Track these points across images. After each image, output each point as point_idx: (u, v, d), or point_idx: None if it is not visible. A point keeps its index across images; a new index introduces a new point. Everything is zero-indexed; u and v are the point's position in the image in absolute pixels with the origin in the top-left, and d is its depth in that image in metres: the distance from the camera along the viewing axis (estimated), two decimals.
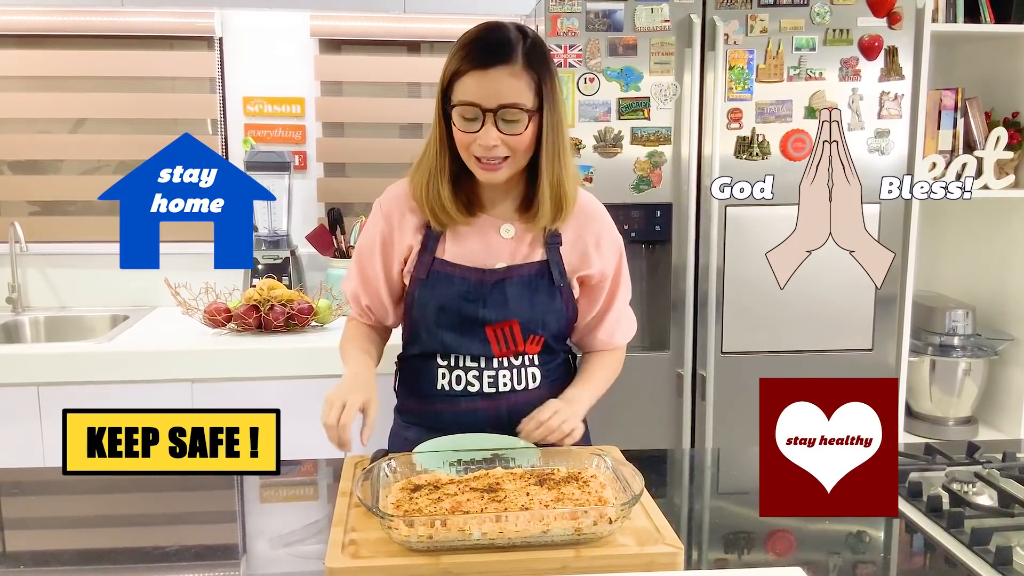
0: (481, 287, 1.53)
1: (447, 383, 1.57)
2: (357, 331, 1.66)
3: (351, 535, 1.18)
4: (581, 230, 1.58)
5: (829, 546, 1.25)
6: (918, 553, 1.25)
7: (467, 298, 1.53)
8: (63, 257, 2.83)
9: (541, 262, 1.55)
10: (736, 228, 2.38)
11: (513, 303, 1.53)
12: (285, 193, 2.71)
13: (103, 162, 2.88)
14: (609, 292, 1.64)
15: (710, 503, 1.46)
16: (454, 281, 1.53)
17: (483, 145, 1.43)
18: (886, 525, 1.33)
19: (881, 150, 2.41)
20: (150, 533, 1.35)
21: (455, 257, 1.54)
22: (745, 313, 2.41)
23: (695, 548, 1.26)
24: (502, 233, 1.55)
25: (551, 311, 1.56)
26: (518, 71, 1.42)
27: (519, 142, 1.44)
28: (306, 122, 2.84)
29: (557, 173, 1.49)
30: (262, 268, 2.65)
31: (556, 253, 1.56)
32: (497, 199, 1.56)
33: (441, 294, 1.53)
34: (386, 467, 1.30)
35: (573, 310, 1.61)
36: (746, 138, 2.36)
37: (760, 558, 1.21)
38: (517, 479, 1.29)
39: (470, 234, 1.54)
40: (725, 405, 2.41)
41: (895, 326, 2.46)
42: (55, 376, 2.25)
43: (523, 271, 1.55)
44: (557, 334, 1.60)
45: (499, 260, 1.54)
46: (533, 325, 1.55)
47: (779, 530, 1.31)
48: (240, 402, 2.25)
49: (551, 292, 1.56)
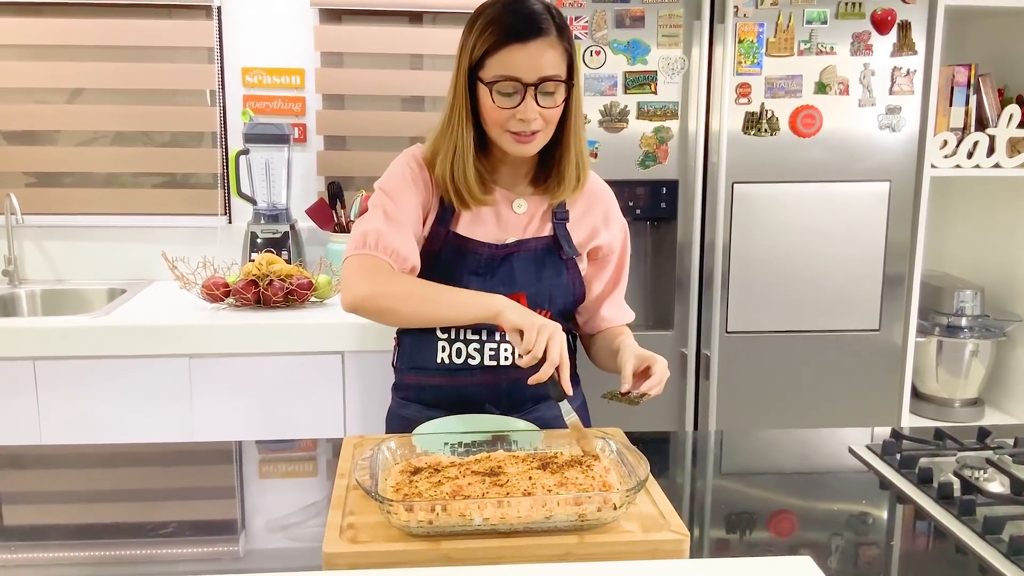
0: (490, 261, 1.52)
1: (447, 356, 1.54)
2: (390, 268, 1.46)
3: (349, 519, 1.15)
4: (589, 206, 1.59)
5: (835, 532, 1.22)
6: (927, 540, 1.22)
7: (475, 272, 1.51)
8: (60, 229, 2.80)
9: (549, 236, 1.55)
10: (743, 205, 2.34)
11: (520, 277, 1.52)
12: (284, 166, 2.67)
13: (100, 133, 2.83)
14: (615, 269, 1.64)
15: (713, 484, 1.44)
16: (465, 256, 1.52)
17: (523, 119, 1.42)
18: (894, 511, 1.30)
19: (892, 127, 2.36)
20: (147, 508, 1.33)
21: (469, 232, 1.53)
22: (751, 292, 2.38)
23: (696, 528, 1.23)
24: (515, 208, 1.55)
25: (558, 286, 1.55)
26: (554, 42, 1.41)
27: (555, 114, 1.45)
28: (306, 94, 2.79)
29: (580, 144, 1.52)
30: (261, 242, 2.62)
31: (563, 228, 1.56)
32: (512, 174, 1.55)
33: (450, 268, 1.50)
34: (385, 449, 1.27)
35: (580, 286, 1.60)
36: (755, 114, 2.31)
37: (763, 538, 1.19)
38: (519, 462, 1.26)
39: (484, 209, 1.53)
40: (730, 385, 2.39)
41: (903, 306, 2.43)
42: (51, 350, 2.22)
43: (531, 245, 1.54)
44: (563, 310, 1.58)
45: (510, 235, 1.54)
46: (540, 299, 1.54)
47: (782, 511, 1.29)
48: (238, 378, 2.28)
49: (558, 267, 1.55)
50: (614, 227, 1.62)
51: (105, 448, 1.62)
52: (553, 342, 1.31)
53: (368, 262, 1.44)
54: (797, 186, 2.35)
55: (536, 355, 1.30)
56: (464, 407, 1.53)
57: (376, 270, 1.43)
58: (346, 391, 2.31)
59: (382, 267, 1.43)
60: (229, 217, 2.82)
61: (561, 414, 1.35)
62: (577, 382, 1.66)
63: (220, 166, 2.79)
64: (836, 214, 2.37)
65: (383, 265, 1.44)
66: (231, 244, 2.77)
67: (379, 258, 1.44)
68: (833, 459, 1.50)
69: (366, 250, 1.45)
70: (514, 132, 1.44)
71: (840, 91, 2.32)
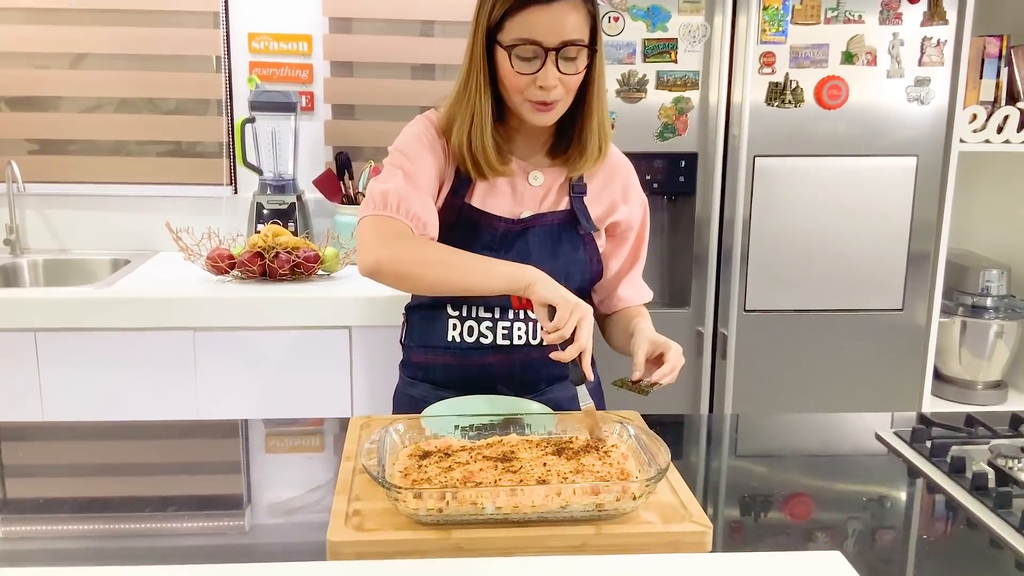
0: (505, 236, 1.46)
1: (459, 334, 1.49)
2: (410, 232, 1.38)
3: (355, 504, 1.10)
4: (608, 179, 1.52)
5: (863, 524, 1.17)
6: (960, 533, 1.16)
7: (489, 247, 1.44)
8: (62, 198, 2.74)
9: (566, 211, 1.49)
10: (764, 180, 2.27)
11: (536, 253, 1.46)
12: (291, 135, 2.60)
13: (104, 99, 2.77)
14: (634, 246, 1.58)
15: (732, 469, 1.38)
16: (479, 230, 1.45)
17: (543, 86, 1.34)
18: (925, 502, 1.25)
19: (920, 99, 2.28)
20: (152, 482, 1.30)
21: (484, 205, 1.46)
22: (770, 269, 2.31)
23: (716, 517, 1.17)
24: (531, 180, 1.48)
25: (574, 262, 1.49)
26: (577, 4, 1.34)
27: (576, 81, 1.38)
28: (313, 61, 2.72)
29: (603, 114, 1.44)
30: (267, 213, 2.56)
31: (581, 202, 1.49)
32: (530, 145, 1.48)
33: (463, 242, 1.43)
34: (393, 431, 1.21)
35: (598, 263, 1.53)
36: (778, 84, 2.23)
37: (787, 529, 1.13)
38: (533, 447, 1.20)
39: (500, 181, 1.47)
40: (747, 366, 2.33)
41: (927, 285, 2.36)
42: (53, 322, 2.17)
43: (547, 220, 1.48)
44: (580, 288, 1.51)
45: (526, 209, 1.48)
46: (556, 276, 1.45)
47: (807, 501, 1.24)
48: (243, 353, 2.23)
49: (575, 243, 1.49)
50: (633, 202, 1.55)
51: (107, 425, 1.58)
52: (584, 324, 1.25)
53: (387, 224, 1.36)
54: (821, 160, 2.27)
55: (564, 335, 1.24)
56: (475, 387, 1.48)
57: (396, 234, 1.35)
58: (353, 367, 2.26)
59: (402, 231, 1.36)
60: (235, 187, 2.76)
61: (577, 397, 1.29)
62: (593, 362, 1.60)
63: (226, 135, 2.72)
64: (860, 190, 2.29)
65: (403, 229, 1.36)
66: (237, 215, 2.71)
67: (399, 221, 1.36)
68: (859, 445, 1.45)
69: (386, 212, 1.36)
70: (533, 100, 1.37)
71: (868, 61, 2.24)
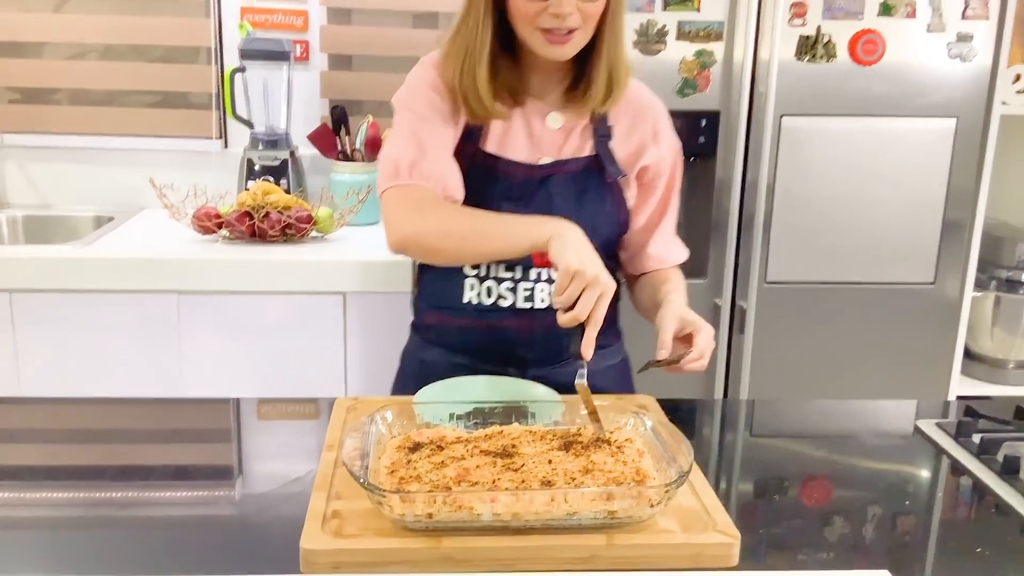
0: (524, 185, 1.33)
1: (476, 295, 1.37)
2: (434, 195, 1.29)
3: (334, 504, 0.97)
4: (636, 120, 1.38)
5: (905, 533, 1.04)
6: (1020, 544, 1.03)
7: (508, 197, 1.32)
8: (44, 150, 2.60)
9: (590, 157, 1.35)
10: (791, 141, 2.12)
11: (559, 204, 1.32)
12: (284, 86, 2.44)
13: (89, 46, 2.61)
14: (663, 196, 1.42)
15: (757, 465, 1.26)
16: (496, 178, 1.33)
17: (557, 14, 1.22)
18: (975, 507, 1.12)
19: (962, 56, 2.11)
20: (142, 451, 1.24)
21: (498, 149, 1.34)
22: (794, 238, 2.17)
23: (732, 508, 1.04)
24: (549, 123, 1.36)
25: (601, 213, 1.36)
26: None
27: (595, 9, 1.25)
28: (308, 7, 2.55)
29: (615, 51, 1.31)
30: (259, 170, 2.41)
31: (606, 147, 1.36)
32: (545, 83, 1.35)
33: (479, 193, 1.31)
34: (380, 420, 1.08)
35: (625, 214, 1.39)
36: (810, 38, 2.07)
37: (823, 540, 1.00)
38: (537, 440, 1.07)
39: (515, 123, 1.34)
40: (766, 341, 2.20)
41: (961, 258, 2.21)
42: (28, 282, 2.04)
43: (570, 167, 1.35)
44: (607, 242, 1.38)
45: (545, 155, 1.35)
46: (582, 230, 1.34)
47: (843, 505, 1.11)
48: (230, 319, 2.09)
49: (601, 191, 1.35)
50: (664, 146, 1.40)
51: (88, 401, 1.50)
52: (601, 304, 1.09)
53: (406, 194, 1.28)
54: (853, 121, 2.12)
55: (578, 317, 1.09)
56: (493, 354, 1.37)
57: (417, 202, 1.26)
58: (347, 335, 2.13)
59: (424, 197, 1.27)
60: (225, 141, 2.61)
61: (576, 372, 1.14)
62: (619, 335, 1.48)
63: (215, 85, 2.57)
64: (894, 153, 2.14)
65: (423, 194, 1.27)
66: (227, 171, 2.57)
67: (418, 186, 1.28)
68: (897, 440, 1.31)
69: (400, 180, 1.28)
70: (546, 30, 1.24)
71: (907, 14, 2.07)
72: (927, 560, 0.99)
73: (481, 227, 1.23)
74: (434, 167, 1.29)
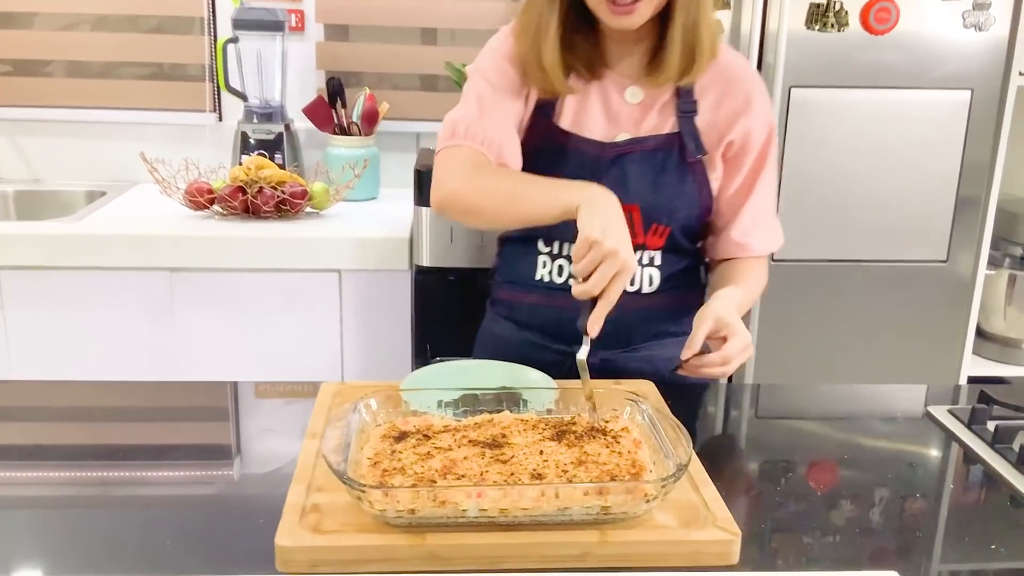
0: (598, 163, 1.28)
1: (547, 273, 1.34)
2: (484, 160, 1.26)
3: (314, 497, 0.92)
4: (725, 92, 1.30)
5: (917, 532, 0.99)
6: (1022, 524, 0.98)
7: (579, 175, 1.25)
8: (36, 124, 2.55)
9: (671, 134, 1.29)
10: (800, 113, 2.05)
11: (634, 184, 1.27)
12: (278, 58, 2.38)
13: (82, 16, 2.55)
14: (750, 173, 1.33)
15: (760, 455, 1.20)
16: (567, 155, 1.29)
17: None
18: (989, 499, 1.06)
19: (978, 25, 2.03)
20: (138, 429, 1.23)
21: (573, 126, 1.30)
22: (802, 214, 2.11)
23: (734, 502, 1.00)
24: (627, 97, 1.30)
25: (680, 195, 1.29)
26: None
27: None
28: None
29: (693, 16, 1.22)
30: (253, 144, 2.35)
31: (691, 123, 1.28)
32: (623, 54, 1.29)
33: (551, 169, 1.26)
34: (363, 408, 1.03)
35: (707, 197, 1.32)
36: (820, 5, 1.99)
37: (829, 537, 0.95)
38: (528, 429, 1.02)
39: (591, 98, 1.29)
40: (772, 322, 2.13)
41: (975, 235, 2.15)
42: (17, 259, 2.01)
43: (648, 144, 1.28)
44: (686, 225, 1.32)
45: (622, 131, 1.29)
46: (657, 213, 1.29)
47: (849, 500, 1.05)
48: (223, 296, 2.05)
49: (681, 172, 1.29)
50: (756, 118, 1.30)
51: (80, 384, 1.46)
52: (616, 282, 1.05)
53: (458, 155, 1.26)
54: (865, 92, 2.05)
55: (590, 290, 1.05)
56: (562, 332, 1.32)
57: (465, 163, 1.25)
58: (343, 314, 2.08)
59: (474, 159, 1.25)
60: (219, 114, 2.54)
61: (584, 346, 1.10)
62: None
63: (208, 56, 2.50)
64: (908, 126, 2.07)
65: (474, 156, 1.25)
66: (221, 145, 2.51)
67: (469, 148, 1.26)
68: (907, 427, 1.26)
69: (454, 141, 1.27)
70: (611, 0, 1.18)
71: None
72: (936, 555, 0.94)
73: (519, 189, 1.20)
74: (491, 133, 1.26)
